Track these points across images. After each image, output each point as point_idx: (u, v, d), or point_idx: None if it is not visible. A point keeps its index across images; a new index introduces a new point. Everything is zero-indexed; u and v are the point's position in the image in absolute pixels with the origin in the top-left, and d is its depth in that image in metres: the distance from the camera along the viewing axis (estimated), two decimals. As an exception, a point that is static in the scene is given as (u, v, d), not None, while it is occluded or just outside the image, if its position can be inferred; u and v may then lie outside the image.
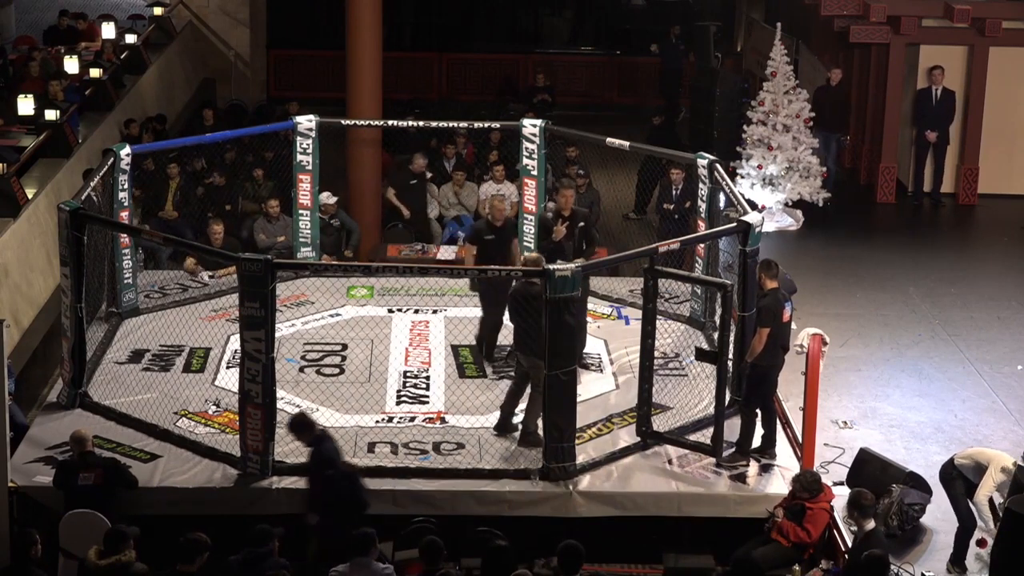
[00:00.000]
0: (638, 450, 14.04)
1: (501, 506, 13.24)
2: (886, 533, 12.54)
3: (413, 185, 20.40)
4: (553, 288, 13.09)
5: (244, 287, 13.20)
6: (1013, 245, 21.57)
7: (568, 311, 13.21)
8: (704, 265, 16.53)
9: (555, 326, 13.17)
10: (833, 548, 12.49)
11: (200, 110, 24.91)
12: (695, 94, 25.73)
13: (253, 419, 13.28)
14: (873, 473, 13.89)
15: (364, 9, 19.78)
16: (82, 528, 12.13)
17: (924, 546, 13.19)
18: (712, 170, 16.35)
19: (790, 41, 22.71)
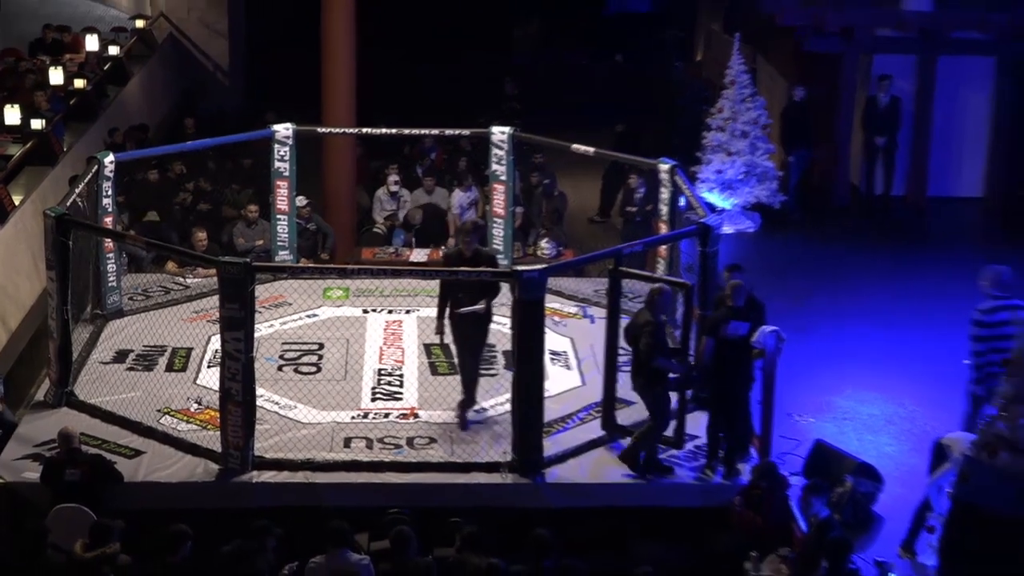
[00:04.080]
0: (604, 443, 14.09)
1: (472, 498, 13.26)
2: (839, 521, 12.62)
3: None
4: (523, 290, 13.16)
5: (224, 289, 13.20)
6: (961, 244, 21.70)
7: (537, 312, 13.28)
8: (666, 266, 16.59)
9: (524, 326, 13.25)
10: (790, 535, 12.56)
11: (181, 119, 24.91)
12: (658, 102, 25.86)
13: (234, 416, 13.28)
14: (828, 464, 13.99)
15: (338, 23, 19.80)
16: (69, 522, 12.10)
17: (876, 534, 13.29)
18: (673, 175, 16.44)
19: (748, 51, 22.80)
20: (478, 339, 14.32)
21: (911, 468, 14.30)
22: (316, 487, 13.30)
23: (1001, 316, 14.44)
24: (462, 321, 14.20)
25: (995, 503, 10.63)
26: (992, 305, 14.54)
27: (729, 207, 21.84)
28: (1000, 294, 14.64)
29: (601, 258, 14.98)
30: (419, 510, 12.64)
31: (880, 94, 22.66)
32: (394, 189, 20.53)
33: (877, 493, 13.72)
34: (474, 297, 14.10)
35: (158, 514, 12.34)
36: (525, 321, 13.26)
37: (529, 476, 13.41)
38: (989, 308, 14.54)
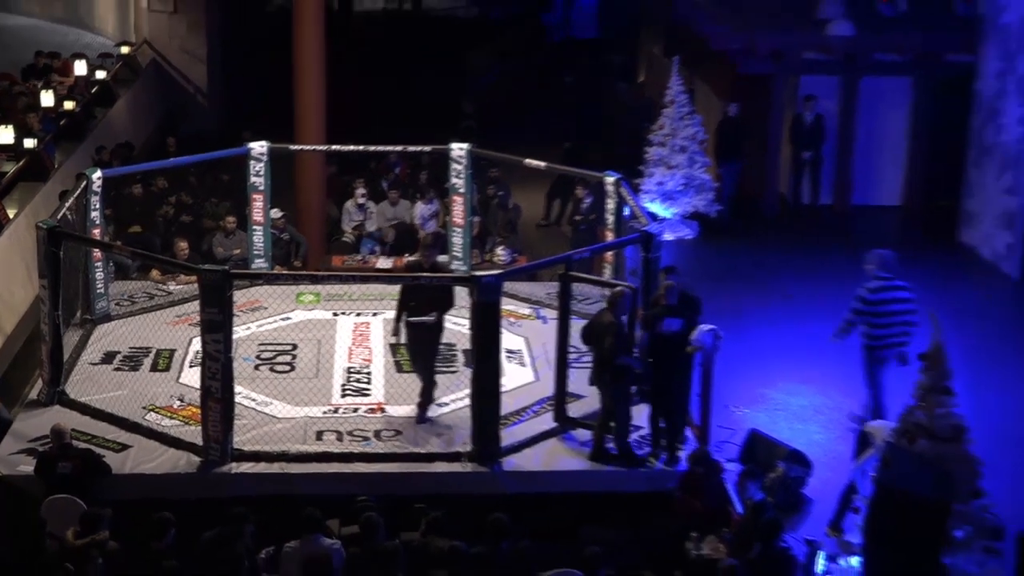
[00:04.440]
0: (556, 434, 14.09)
1: (435, 486, 13.24)
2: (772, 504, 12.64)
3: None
4: (481, 294, 13.15)
5: (204, 295, 13.16)
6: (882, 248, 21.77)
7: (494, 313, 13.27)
8: (612, 270, 16.60)
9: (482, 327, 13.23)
10: (727, 517, 12.57)
11: (164, 138, 24.80)
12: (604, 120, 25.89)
13: (214, 412, 13.24)
14: (761, 451, 14.04)
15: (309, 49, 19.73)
16: (61, 512, 12.03)
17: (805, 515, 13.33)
18: (618, 187, 16.46)
19: (686, 73, 22.83)
20: (430, 347, 14.25)
21: (838, 454, 14.34)
22: (291, 477, 13.26)
23: (884, 296, 14.86)
24: (414, 329, 14.14)
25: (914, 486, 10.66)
26: (878, 285, 14.91)
27: (670, 216, 21.87)
28: (885, 275, 15.01)
29: (553, 264, 14.99)
30: (386, 497, 12.59)
31: (806, 112, 22.76)
32: (361, 201, 20.49)
33: (807, 477, 13.77)
34: (428, 308, 14.05)
35: (144, 503, 12.29)
36: (483, 322, 13.26)
37: (487, 465, 13.41)
38: (875, 288, 14.91)
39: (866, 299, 14.92)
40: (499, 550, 11.21)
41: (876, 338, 14.90)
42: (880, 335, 14.90)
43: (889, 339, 14.95)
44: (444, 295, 14.12)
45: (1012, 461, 13.53)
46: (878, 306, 14.90)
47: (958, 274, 20.42)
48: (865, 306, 14.91)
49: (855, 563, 11.69)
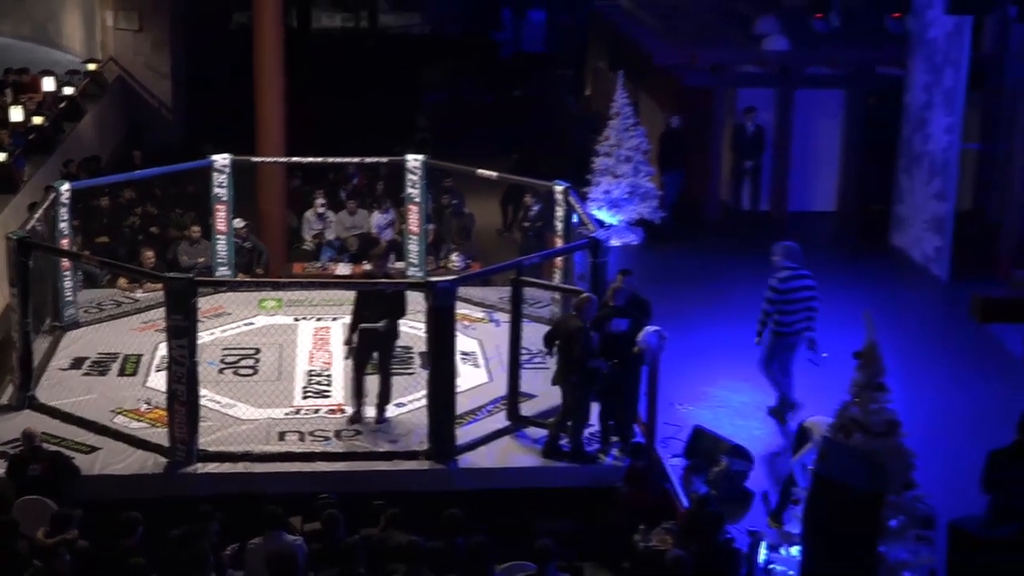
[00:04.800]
0: (509, 432, 14.08)
1: (394, 483, 13.21)
2: (716, 496, 12.66)
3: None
4: (436, 299, 13.12)
5: (170, 302, 13.10)
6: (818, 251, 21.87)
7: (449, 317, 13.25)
8: (562, 275, 16.59)
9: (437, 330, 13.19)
10: (672, 510, 12.58)
11: (130, 151, 24.64)
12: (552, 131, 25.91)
13: (179, 414, 13.18)
14: (705, 446, 14.04)
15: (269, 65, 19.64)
16: (32, 513, 11.91)
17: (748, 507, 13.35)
18: (566, 195, 16.46)
19: (630, 86, 22.87)
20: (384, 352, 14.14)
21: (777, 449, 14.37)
22: (254, 476, 13.20)
23: (793, 284, 15.07)
24: (365, 334, 14.05)
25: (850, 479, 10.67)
26: (786, 275, 15.13)
27: (616, 223, 21.89)
28: (790, 265, 15.22)
29: (505, 269, 14.99)
30: (347, 495, 12.53)
31: (747, 123, 22.83)
32: (320, 211, 20.42)
33: (749, 471, 13.79)
34: (379, 314, 13.96)
35: (112, 503, 12.18)
36: (438, 325, 13.25)
37: (443, 463, 13.39)
38: (784, 277, 15.14)
39: (777, 288, 15.13)
40: (456, 544, 11.17)
41: (786, 324, 15.13)
42: (789, 321, 15.13)
43: (797, 325, 15.19)
44: (397, 303, 14.05)
45: (942, 454, 13.59)
46: (787, 294, 15.13)
47: (890, 276, 20.52)
48: (777, 295, 15.11)
49: (795, 552, 11.71)
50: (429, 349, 13.49)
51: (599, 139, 22.39)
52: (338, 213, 20.66)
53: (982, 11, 17.45)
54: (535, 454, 13.69)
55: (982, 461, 11.62)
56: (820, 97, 23.24)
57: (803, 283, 15.20)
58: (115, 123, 27.32)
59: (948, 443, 14.32)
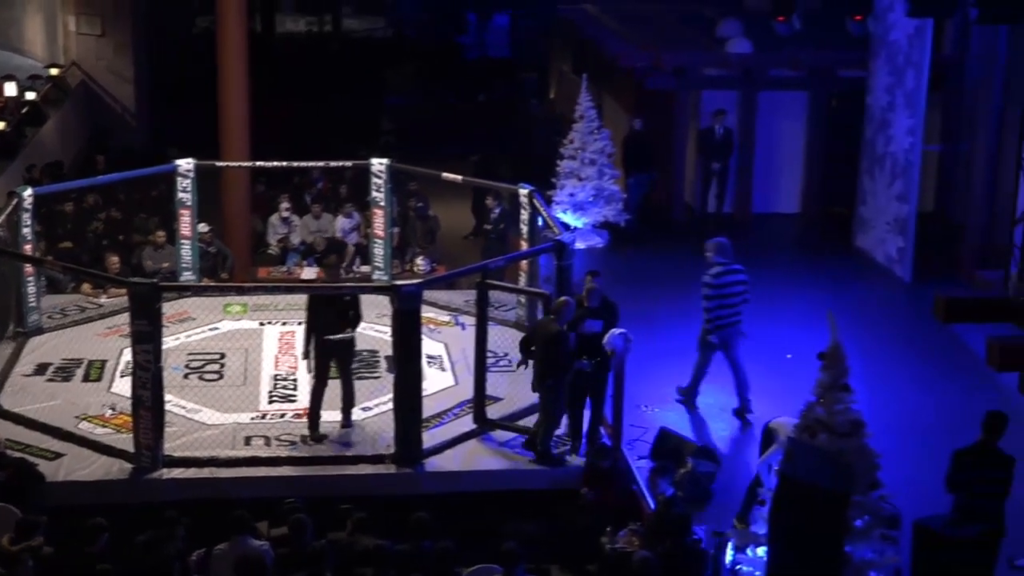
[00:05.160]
0: (475, 435, 14.06)
1: (360, 487, 13.17)
2: (683, 498, 12.68)
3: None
4: (402, 302, 13.10)
5: (134, 307, 13.03)
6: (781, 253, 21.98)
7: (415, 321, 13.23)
8: (527, 278, 16.60)
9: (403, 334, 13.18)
10: (639, 511, 12.59)
11: (93, 156, 24.51)
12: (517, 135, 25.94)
13: (145, 420, 13.10)
14: (671, 448, 14.07)
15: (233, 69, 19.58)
16: (-3, 519, 11.85)
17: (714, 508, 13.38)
18: (531, 198, 16.47)
19: (594, 89, 22.91)
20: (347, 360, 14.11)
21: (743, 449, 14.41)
22: (220, 481, 13.14)
23: (726, 279, 15.42)
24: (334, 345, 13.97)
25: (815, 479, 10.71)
26: (718, 270, 15.47)
27: (581, 226, 21.92)
28: (723, 260, 15.57)
29: (470, 272, 14.99)
30: (313, 499, 12.50)
31: (716, 126, 22.89)
32: (285, 215, 20.37)
33: (715, 472, 13.82)
34: (334, 322, 13.86)
35: (77, 510, 12.07)
36: (404, 329, 13.21)
37: (410, 466, 13.36)
38: (716, 272, 15.50)
39: (711, 284, 15.47)
40: (423, 548, 11.15)
41: (719, 318, 15.47)
42: (723, 315, 15.48)
43: (730, 318, 15.54)
44: (354, 310, 13.99)
45: (907, 453, 13.66)
46: (721, 288, 15.48)
47: (853, 277, 20.62)
48: (713, 291, 15.46)
49: (761, 553, 11.74)
50: (395, 353, 13.46)
51: (564, 142, 22.41)
52: (303, 217, 20.61)
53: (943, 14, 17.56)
54: (502, 457, 13.69)
55: (946, 461, 11.69)
56: (783, 99, 23.34)
57: (736, 278, 15.56)
58: (78, 128, 27.18)
59: (912, 443, 14.40)
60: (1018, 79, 19.59)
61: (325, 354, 13.92)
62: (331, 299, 13.94)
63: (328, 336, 13.80)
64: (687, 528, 11.42)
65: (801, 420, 11.27)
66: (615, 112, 25.06)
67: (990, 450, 11.58)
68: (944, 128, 22.01)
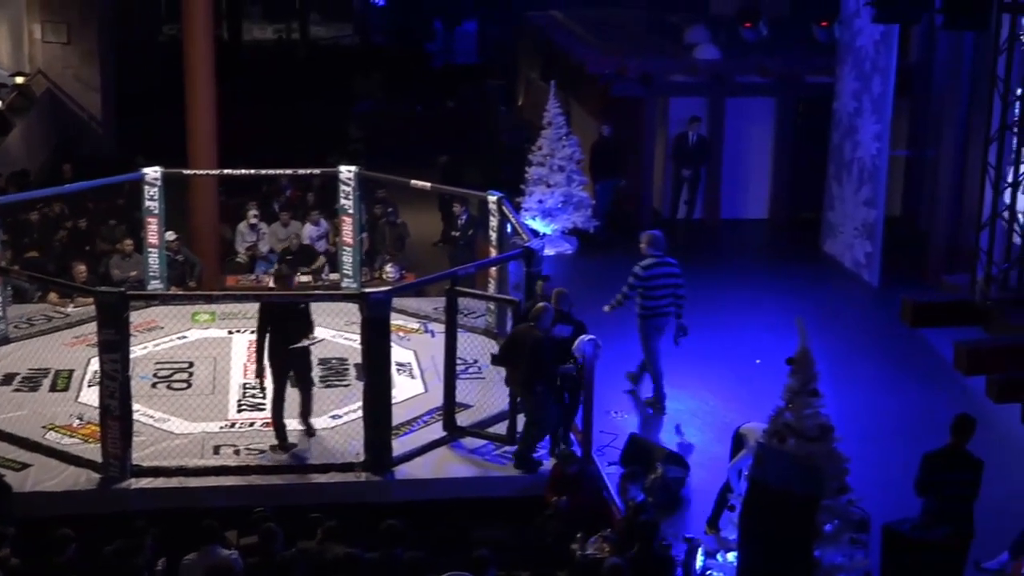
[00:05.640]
0: (445, 442, 14.05)
1: (331, 495, 13.15)
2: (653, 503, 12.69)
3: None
4: (371, 310, 13.09)
5: (101, 316, 12.98)
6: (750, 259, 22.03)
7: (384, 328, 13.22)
8: (496, 285, 16.60)
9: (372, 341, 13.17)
10: (610, 517, 12.60)
11: (59, 165, 24.40)
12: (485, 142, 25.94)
13: (112, 430, 13.05)
14: (641, 454, 14.07)
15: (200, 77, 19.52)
16: (-36, 531, 11.76)
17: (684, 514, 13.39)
18: (500, 205, 16.48)
19: (562, 96, 22.93)
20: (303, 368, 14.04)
21: (713, 455, 14.42)
22: (189, 491, 13.10)
23: (654, 271, 15.67)
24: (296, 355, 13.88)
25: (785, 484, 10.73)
26: (649, 262, 15.73)
27: (550, 232, 21.92)
28: (655, 253, 15.80)
29: (439, 280, 14.98)
30: (283, 508, 12.46)
31: (690, 132, 22.93)
32: (253, 223, 20.33)
33: (685, 478, 13.84)
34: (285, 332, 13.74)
35: (45, 520, 12.01)
36: (373, 337, 13.20)
37: (380, 474, 13.35)
38: (646, 264, 15.76)
39: (639, 275, 15.71)
40: (394, 555, 11.14)
41: (650, 308, 15.71)
42: (653, 306, 15.70)
43: (661, 309, 15.75)
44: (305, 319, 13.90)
45: (876, 457, 13.71)
46: (651, 280, 15.70)
47: (822, 282, 20.69)
48: (639, 281, 15.69)
49: (732, 558, 11.76)
50: (364, 360, 13.44)
51: (532, 149, 22.43)
52: (271, 225, 20.57)
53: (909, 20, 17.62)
54: (472, 464, 13.69)
55: (915, 464, 11.73)
56: (751, 105, 23.41)
57: (667, 270, 15.79)
58: (44, 136, 27.06)
59: (881, 447, 14.45)
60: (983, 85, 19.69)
61: (285, 364, 13.85)
62: (289, 309, 13.87)
63: (288, 346, 13.74)
64: (656, 534, 11.42)
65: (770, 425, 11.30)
66: (583, 118, 25.08)
67: (959, 453, 11.64)
68: (911, 133, 22.12)
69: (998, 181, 12.75)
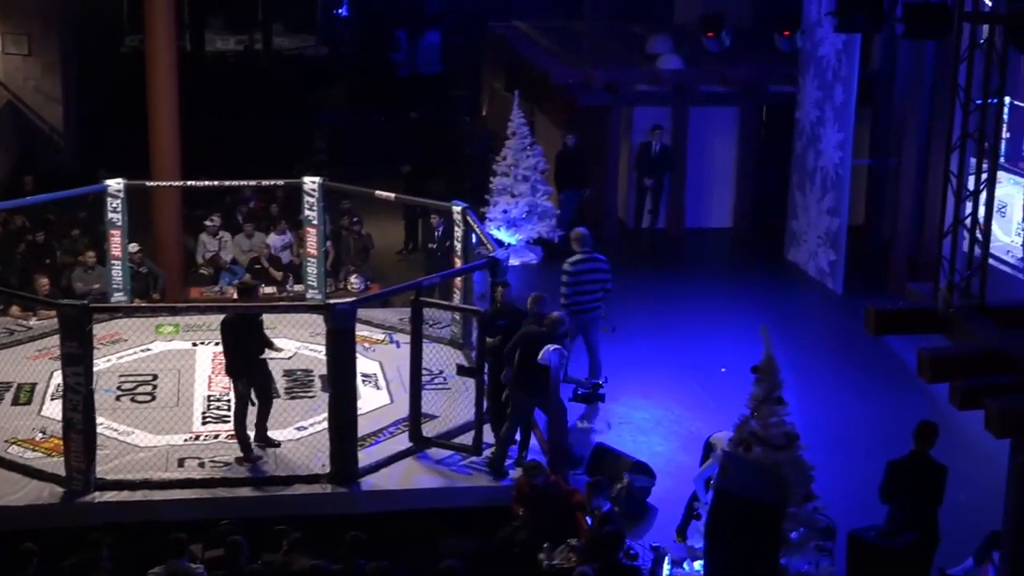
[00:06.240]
0: (412, 453, 14.03)
1: (295, 507, 13.11)
2: (619, 513, 12.70)
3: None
4: (336, 321, 13.07)
5: (64, 329, 12.91)
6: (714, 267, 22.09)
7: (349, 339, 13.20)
8: (462, 295, 16.60)
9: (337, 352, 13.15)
10: (577, 527, 12.60)
11: (21, 177, 24.25)
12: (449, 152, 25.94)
13: (76, 443, 12.97)
14: (607, 463, 14.09)
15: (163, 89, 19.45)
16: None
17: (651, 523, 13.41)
18: (465, 215, 16.48)
19: (527, 106, 22.95)
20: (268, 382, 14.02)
21: (679, 464, 14.46)
22: (153, 504, 13.03)
23: (581, 267, 16.21)
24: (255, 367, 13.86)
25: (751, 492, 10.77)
26: (576, 259, 16.28)
27: (515, 242, 21.94)
28: (584, 250, 16.31)
29: (404, 290, 14.96)
30: (249, 520, 12.42)
31: (653, 142, 22.99)
32: (214, 230, 20.26)
33: (651, 487, 13.86)
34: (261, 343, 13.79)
35: (8, 535, 11.95)
36: (338, 348, 13.18)
37: (346, 485, 13.31)
38: (574, 260, 16.30)
39: (568, 271, 16.18)
40: (358, 567, 11.12)
41: (578, 304, 16.07)
42: (580, 301, 16.11)
43: (588, 304, 16.16)
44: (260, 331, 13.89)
45: (841, 465, 13.76)
46: (579, 276, 16.14)
47: (786, 290, 20.77)
48: (569, 278, 16.14)
49: (698, 567, 11.79)
50: (329, 372, 13.42)
51: (496, 159, 22.44)
52: (236, 236, 20.50)
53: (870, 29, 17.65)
54: (438, 474, 13.67)
55: (881, 471, 11.79)
56: (714, 115, 23.49)
57: (595, 266, 16.23)
58: (5, 148, 26.87)
59: (847, 454, 14.50)
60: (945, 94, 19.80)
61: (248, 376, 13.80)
62: (252, 322, 13.83)
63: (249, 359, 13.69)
64: (621, 544, 11.44)
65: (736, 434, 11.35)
66: (547, 129, 25.13)
67: (922, 460, 11.70)
68: (873, 142, 22.23)
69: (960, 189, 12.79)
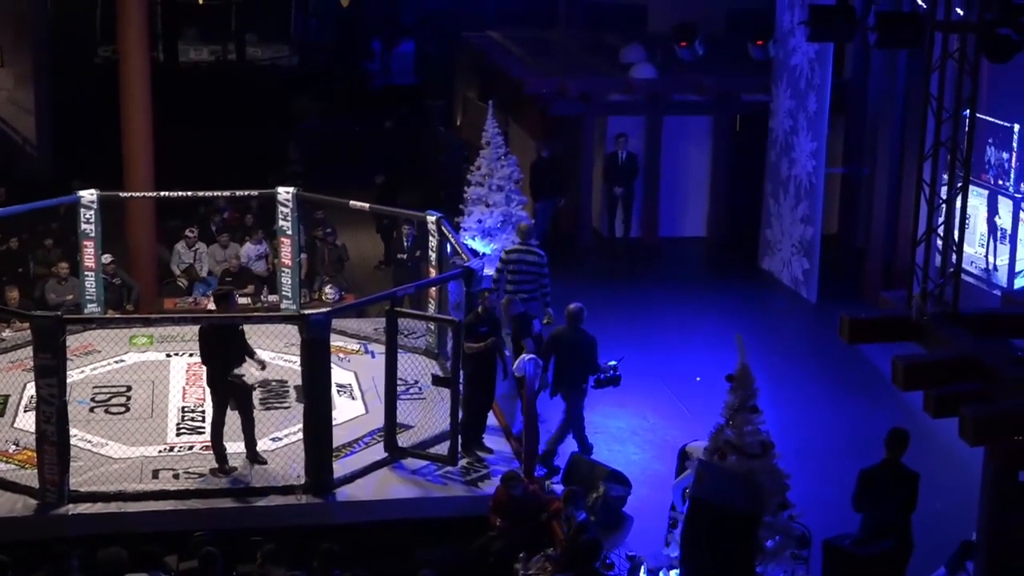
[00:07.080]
0: (387, 463, 14.01)
1: (270, 518, 13.08)
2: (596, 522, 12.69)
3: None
4: (310, 331, 13.05)
5: (37, 340, 12.86)
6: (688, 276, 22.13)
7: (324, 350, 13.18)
8: (436, 305, 16.59)
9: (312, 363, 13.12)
10: (552, 536, 12.60)
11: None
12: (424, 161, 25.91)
13: (49, 455, 12.93)
14: (583, 472, 14.09)
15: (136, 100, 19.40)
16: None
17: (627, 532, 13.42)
18: (439, 225, 16.49)
19: (501, 115, 22.95)
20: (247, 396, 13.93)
21: (655, 473, 14.48)
22: (128, 516, 12.98)
23: (516, 256, 17.16)
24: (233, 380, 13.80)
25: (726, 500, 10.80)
26: (512, 248, 17.42)
27: (489, 252, 21.90)
28: (525, 242, 17.38)
29: (379, 300, 14.95)
30: (223, 532, 12.38)
31: (619, 150, 23.04)
32: (191, 241, 20.21)
33: (627, 496, 13.87)
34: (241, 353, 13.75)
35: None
36: (313, 358, 13.17)
37: (321, 496, 13.29)
38: (510, 250, 17.38)
39: (503, 259, 17.20)
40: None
41: (512, 293, 16.56)
42: (515, 290, 16.72)
43: (522, 293, 16.69)
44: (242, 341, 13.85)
45: (816, 473, 13.79)
46: (512, 264, 17.07)
47: (760, 299, 20.82)
48: (502, 264, 17.11)
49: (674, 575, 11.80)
50: (304, 382, 13.40)
51: (471, 169, 22.42)
52: (210, 247, 20.45)
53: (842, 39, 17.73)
54: (414, 485, 13.66)
55: (854, 479, 11.81)
56: (688, 124, 23.55)
57: (530, 258, 17.11)
58: (-23, 159, 26.78)
59: (822, 462, 14.54)
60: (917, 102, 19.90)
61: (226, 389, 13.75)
62: (232, 333, 13.80)
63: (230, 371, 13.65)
64: (597, 553, 11.44)
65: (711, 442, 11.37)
66: (522, 138, 25.13)
67: (894, 467, 11.73)
68: (846, 151, 22.32)
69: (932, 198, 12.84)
